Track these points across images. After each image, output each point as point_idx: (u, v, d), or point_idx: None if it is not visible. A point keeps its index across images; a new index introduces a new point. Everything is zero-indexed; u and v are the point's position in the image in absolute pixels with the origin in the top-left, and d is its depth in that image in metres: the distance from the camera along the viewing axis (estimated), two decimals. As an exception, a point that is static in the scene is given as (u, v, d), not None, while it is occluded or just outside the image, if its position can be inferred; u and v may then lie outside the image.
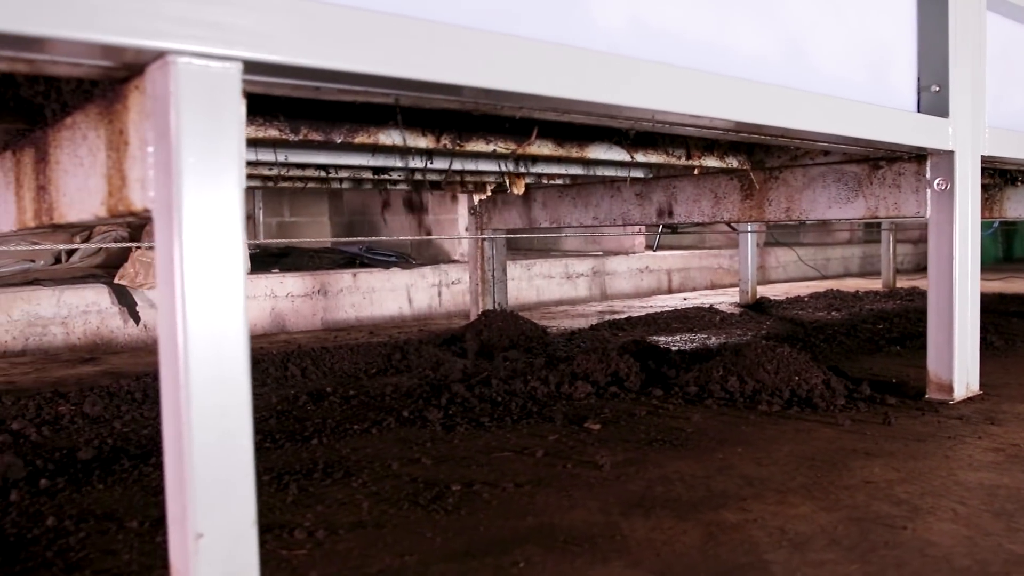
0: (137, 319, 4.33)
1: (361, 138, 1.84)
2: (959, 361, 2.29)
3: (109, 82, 1.14)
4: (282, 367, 2.90)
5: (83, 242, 5.03)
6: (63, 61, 1.01)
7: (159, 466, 1.78)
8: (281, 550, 1.33)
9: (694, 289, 6.92)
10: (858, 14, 2.07)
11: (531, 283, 5.89)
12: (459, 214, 5.90)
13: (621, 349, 2.81)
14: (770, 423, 2.11)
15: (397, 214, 6.54)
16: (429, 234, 5.85)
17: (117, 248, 5.02)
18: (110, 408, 2.35)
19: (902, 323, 4.06)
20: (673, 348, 3.14)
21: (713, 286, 7.12)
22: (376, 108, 1.88)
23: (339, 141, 1.80)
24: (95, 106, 1.22)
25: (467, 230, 5.75)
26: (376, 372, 2.90)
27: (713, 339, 3.63)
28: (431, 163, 2.50)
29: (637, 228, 6.75)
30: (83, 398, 2.40)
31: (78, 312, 4.19)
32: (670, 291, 6.77)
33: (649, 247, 7.16)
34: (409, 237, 5.78)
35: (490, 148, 2.04)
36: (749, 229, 5.08)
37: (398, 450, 1.90)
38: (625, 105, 1.43)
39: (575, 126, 2.22)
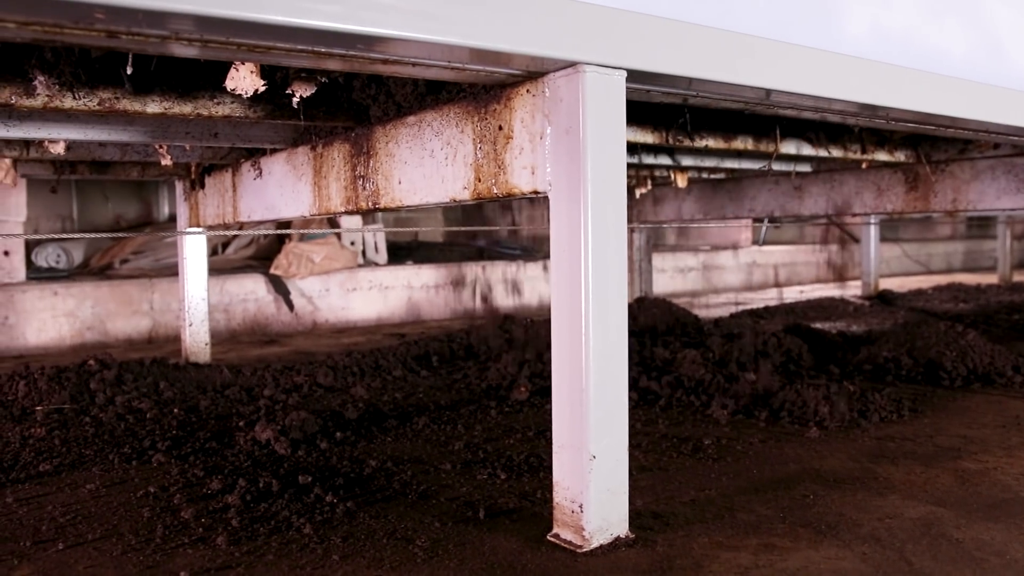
0: (291, 306, 4.64)
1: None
2: None
3: (483, 86, 1.38)
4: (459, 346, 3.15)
5: (235, 236, 5.38)
6: (472, 69, 1.24)
7: (428, 425, 2.03)
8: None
9: (800, 283, 7.02)
10: (1048, 16, 2.22)
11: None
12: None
13: (785, 331, 2.99)
14: (959, 396, 2.28)
15: (509, 208, 6.78)
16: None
17: (267, 241, 5.36)
18: (339, 379, 2.61)
19: (1037, 313, 4.17)
20: (828, 332, 3.30)
21: (818, 280, 7.22)
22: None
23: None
24: (455, 106, 1.46)
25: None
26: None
27: (855, 326, 3.78)
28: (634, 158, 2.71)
29: (744, 222, 6.86)
30: (313, 371, 2.67)
31: (238, 300, 4.52)
32: (777, 285, 6.89)
33: (755, 242, 7.28)
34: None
35: (702, 144, 2.25)
36: (872, 221, 5.20)
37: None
38: (879, 105, 1.63)
39: (765, 122, 2.41)
